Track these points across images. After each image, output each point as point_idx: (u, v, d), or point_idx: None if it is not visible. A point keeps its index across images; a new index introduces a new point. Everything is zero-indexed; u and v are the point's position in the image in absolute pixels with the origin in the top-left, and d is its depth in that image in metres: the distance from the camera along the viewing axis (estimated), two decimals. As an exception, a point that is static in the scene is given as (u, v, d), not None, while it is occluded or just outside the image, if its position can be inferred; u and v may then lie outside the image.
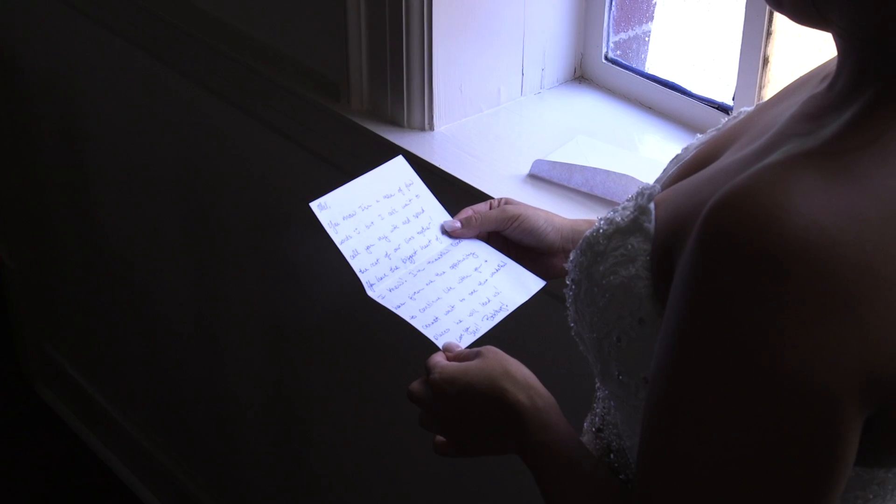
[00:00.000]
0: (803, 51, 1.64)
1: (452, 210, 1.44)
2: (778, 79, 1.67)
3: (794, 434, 0.84)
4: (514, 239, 1.41)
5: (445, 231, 1.40)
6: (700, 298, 0.87)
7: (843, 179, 0.86)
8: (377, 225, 1.36)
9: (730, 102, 1.74)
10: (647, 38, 1.91)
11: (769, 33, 1.66)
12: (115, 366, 3.02)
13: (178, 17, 2.20)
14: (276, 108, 2.03)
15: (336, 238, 1.32)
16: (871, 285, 0.83)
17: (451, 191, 1.68)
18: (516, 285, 1.36)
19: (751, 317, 0.84)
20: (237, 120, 2.16)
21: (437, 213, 1.41)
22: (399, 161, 1.43)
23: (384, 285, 1.33)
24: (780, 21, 1.63)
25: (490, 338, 1.31)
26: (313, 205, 1.32)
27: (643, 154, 1.77)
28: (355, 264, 1.32)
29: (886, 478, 0.96)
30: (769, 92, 1.67)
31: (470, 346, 1.27)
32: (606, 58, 1.92)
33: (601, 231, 1.08)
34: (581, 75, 1.96)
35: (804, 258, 0.83)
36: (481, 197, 1.65)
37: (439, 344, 1.27)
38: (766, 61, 1.68)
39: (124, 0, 2.30)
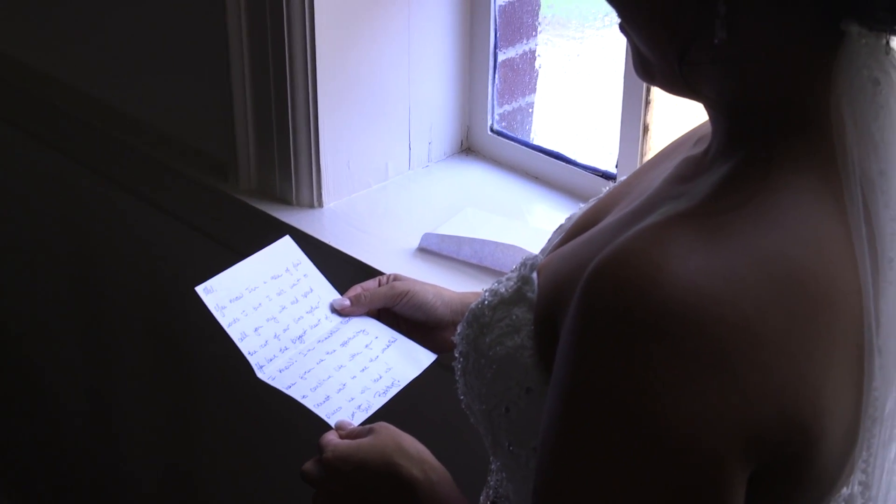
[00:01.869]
0: (681, 118, 1.67)
1: (343, 286, 1.44)
2: (658, 146, 1.70)
3: (679, 494, 0.85)
4: (404, 314, 1.42)
5: (335, 309, 1.40)
6: (582, 363, 0.87)
7: (718, 239, 0.87)
8: (265, 306, 1.36)
9: (613, 170, 1.78)
10: (530, 110, 1.94)
11: (648, 102, 1.70)
12: (6, 449, 2.95)
13: (64, 100, 2.18)
14: (165, 189, 2.02)
15: (223, 321, 1.31)
16: (749, 344, 0.84)
17: (341, 267, 1.68)
18: (407, 360, 1.37)
19: (632, 379, 0.84)
20: (126, 201, 2.15)
21: (326, 292, 1.41)
22: (286, 241, 1.43)
23: (274, 366, 1.32)
24: (658, 90, 1.67)
25: (383, 413, 1.31)
26: (199, 289, 1.32)
27: (531, 224, 1.79)
28: (244, 347, 1.31)
29: None
30: (651, 159, 1.71)
31: (363, 424, 1.27)
32: (492, 130, 1.95)
33: (486, 303, 1.09)
34: (468, 147, 1.98)
35: (682, 318, 0.84)
36: (372, 272, 1.66)
37: (331, 423, 1.27)
38: (646, 129, 1.71)
39: (7, 85, 2.28)
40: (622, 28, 0.97)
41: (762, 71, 0.91)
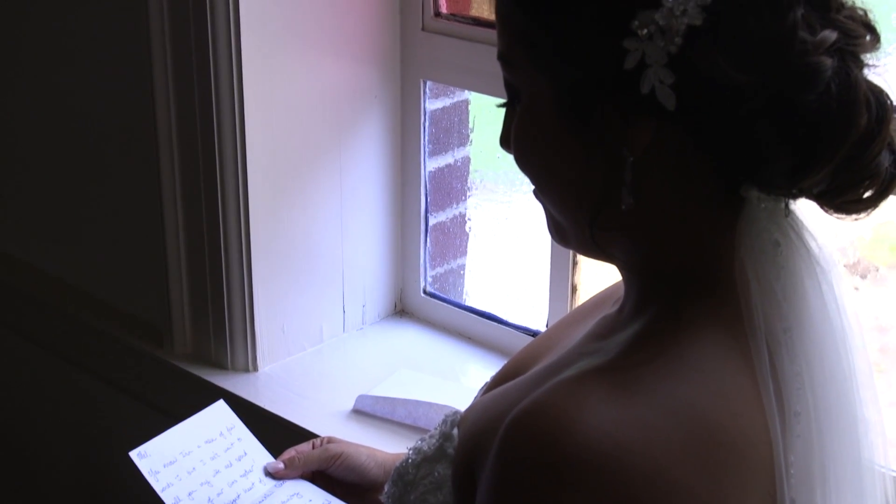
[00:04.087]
0: (607, 278, 1.72)
1: (278, 449, 1.45)
2: (586, 305, 1.74)
3: None
4: (338, 477, 1.42)
5: (269, 473, 1.41)
6: None
7: (630, 392, 0.90)
8: (199, 470, 1.36)
9: (544, 329, 1.81)
10: (462, 272, 1.98)
11: (575, 263, 1.74)
12: None
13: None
14: (100, 354, 2.03)
15: (157, 486, 1.32)
16: (661, 491, 0.86)
17: (276, 430, 1.69)
18: (341, 523, 1.37)
19: None
20: (60, 369, 2.15)
21: (260, 456, 1.42)
22: (220, 405, 1.44)
23: (208, 531, 1.32)
24: (583, 251, 1.72)
25: (317, 578, 1.31)
26: (133, 454, 1.33)
27: (464, 384, 1.81)
28: (177, 512, 1.32)
29: None
30: (579, 318, 1.74)
31: (296, 588, 1.27)
32: (425, 292, 1.98)
33: (410, 461, 1.11)
34: (402, 309, 2.01)
35: (596, 468, 0.86)
36: (306, 435, 1.67)
37: (265, 588, 1.27)
38: (574, 289, 1.76)
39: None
40: (536, 195, 1.01)
41: (668, 235, 0.96)
